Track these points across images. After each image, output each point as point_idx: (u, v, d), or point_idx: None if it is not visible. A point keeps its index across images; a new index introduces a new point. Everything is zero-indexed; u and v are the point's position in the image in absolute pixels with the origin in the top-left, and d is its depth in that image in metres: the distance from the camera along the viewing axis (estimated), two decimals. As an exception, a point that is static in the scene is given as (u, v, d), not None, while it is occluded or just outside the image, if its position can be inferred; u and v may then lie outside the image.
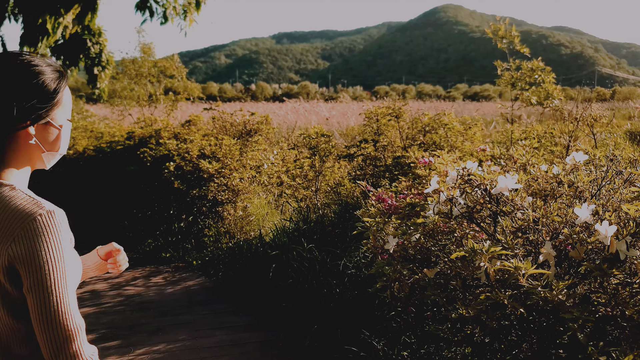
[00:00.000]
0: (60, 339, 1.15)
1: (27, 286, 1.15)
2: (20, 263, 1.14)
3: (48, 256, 1.15)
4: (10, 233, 1.15)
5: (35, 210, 1.17)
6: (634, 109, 20.53)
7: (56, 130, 1.30)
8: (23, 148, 1.26)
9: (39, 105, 1.23)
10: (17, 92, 1.21)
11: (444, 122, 4.65)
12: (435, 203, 2.33)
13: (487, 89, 78.32)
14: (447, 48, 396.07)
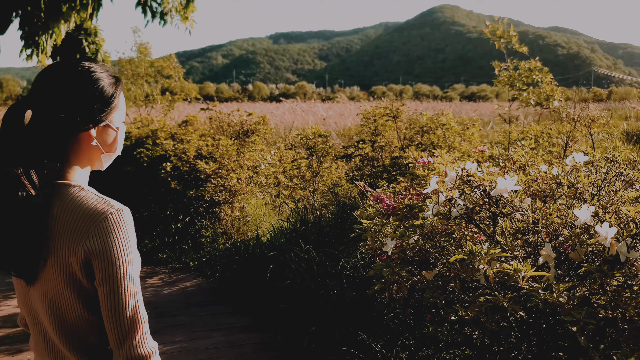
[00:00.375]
0: (126, 328, 1.24)
1: (99, 279, 1.23)
2: (94, 257, 1.22)
3: (119, 252, 1.23)
4: (85, 231, 1.23)
5: (107, 209, 1.25)
6: (630, 109, 20.56)
7: (114, 132, 1.38)
8: (85, 149, 1.35)
9: (100, 109, 1.32)
10: (80, 97, 1.29)
11: (442, 123, 4.63)
12: (434, 204, 2.31)
13: (484, 89, 78.44)
14: (444, 48, 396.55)
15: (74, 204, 1.26)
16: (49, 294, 1.29)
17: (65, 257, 1.24)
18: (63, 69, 1.31)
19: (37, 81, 1.30)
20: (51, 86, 1.28)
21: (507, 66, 4.93)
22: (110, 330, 1.24)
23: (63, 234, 1.24)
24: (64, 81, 1.29)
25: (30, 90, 1.31)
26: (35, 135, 1.27)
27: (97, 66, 1.34)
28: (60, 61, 1.34)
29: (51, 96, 1.27)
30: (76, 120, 1.28)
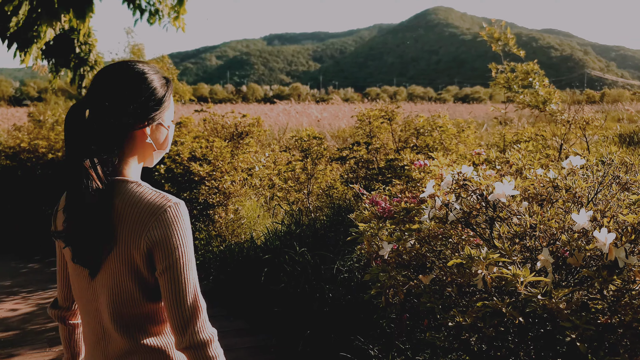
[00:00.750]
0: (188, 315, 1.30)
1: (161, 269, 1.30)
2: (155, 249, 1.29)
3: (178, 242, 1.30)
4: (146, 224, 1.29)
5: (165, 202, 1.32)
6: (623, 111, 20.66)
7: (165, 130, 1.46)
8: (139, 147, 1.42)
9: (154, 108, 1.40)
10: (135, 97, 1.36)
11: (439, 125, 4.62)
12: (430, 208, 2.29)
13: (477, 91, 78.68)
14: (438, 50, 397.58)
15: (135, 198, 1.33)
16: (111, 284, 1.35)
17: (128, 249, 1.31)
18: (118, 70, 1.38)
19: (94, 82, 1.38)
20: (107, 87, 1.36)
21: (503, 68, 4.92)
22: (172, 318, 1.31)
23: (125, 227, 1.31)
24: (119, 82, 1.36)
25: (87, 91, 1.38)
26: (94, 134, 1.33)
27: (148, 68, 1.43)
28: (115, 63, 1.41)
29: (108, 96, 1.34)
30: (132, 119, 1.36)
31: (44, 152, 7.53)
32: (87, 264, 1.36)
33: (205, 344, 1.33)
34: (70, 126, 1.35)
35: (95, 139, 1.33)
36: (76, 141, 1.33)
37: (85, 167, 1.30)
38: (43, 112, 10.45)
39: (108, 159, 1.34)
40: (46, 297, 4.99)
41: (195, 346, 1.32)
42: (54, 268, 6.00)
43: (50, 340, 4.05)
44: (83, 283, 1.41)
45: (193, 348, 1.32)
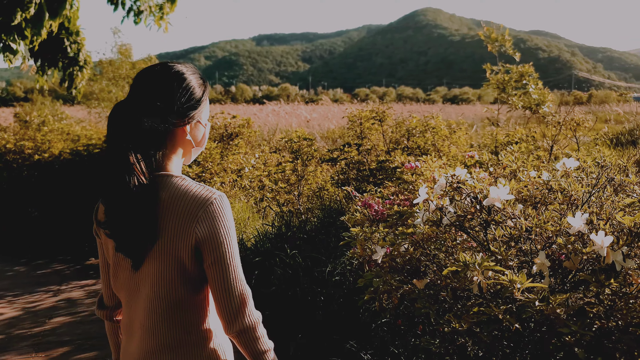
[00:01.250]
0: (237, 302, 1.39)
1: (210, 261, 1.37)
2: (205, 242, 1.35)
3: (225, 234, 1.37)
4: (194, 216, 1.35)
5: (210, 195, 1.38)
6: (610, 112, 20.80)
7: (203, 128, 1.53)
8: (180, 143, 1.48)
9: (194, 107, 1.46)
10: (177, 97, 1.42)
11: (432, 126, 4.59)
12: (423, 212, 2.26)
13: (466, 92, 79.05)
14: (426, 51, 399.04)
15: (180, 191, 1.38)
16: (154, 275, 1.39)
17: (174, 240, 1.36)
18: (159, 71, 1.45)
19: (137, 82, 1.44)
20: (150, 87, 1.42)
21: (498, 69, 4.91)
22: (222, 307, 1.38)
23: (172, 219, 1.36)
24: (162, 83, 1.43)
25: (130, 90, 1.45)
26: (137, 131, 1.38)
27: (187, 68, 1.49)
28: (156, 64, 1.48)
29: (151, 96, 1.40)
30: (174, 118, 1.42)
31: (30, 153, 7.42)
32: (130, 255, 1.40)
33: (254, 326, 1.42)
34: (114, 123, 1.40)
35: (139, 136, 1.38)
36: (120, 138, 1.38)
37: (129, 163, 1.35)
38: (29, 113, 10.32)
39: (151, 155, 1.40)
40: (32, 300, 4.90)
41: (245, 330, 1.41)
42: (41, 271, 5.88)
43: (36, 345, 3.98)
44: (126, 274, 1.45)
45: (244, 332, 1.41)
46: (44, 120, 9.43)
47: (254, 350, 1.46)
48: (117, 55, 13.04)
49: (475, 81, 26.11)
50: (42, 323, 4.37)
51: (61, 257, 6.36)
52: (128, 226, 1.36)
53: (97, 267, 5.98)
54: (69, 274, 5.76)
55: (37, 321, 4.40)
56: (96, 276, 5.62)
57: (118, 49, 12.95)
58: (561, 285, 1.98)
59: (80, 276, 5.64)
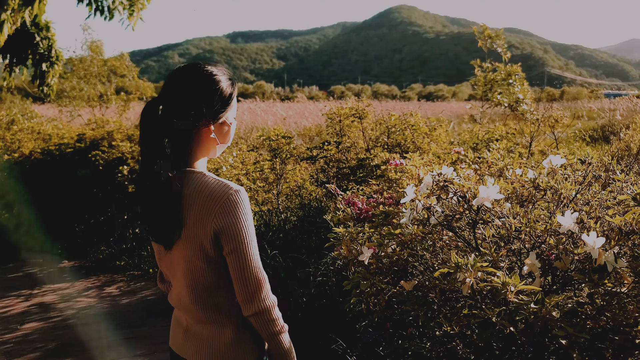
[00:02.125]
0: (253, 287, 1.49)
1: (228, 250, 1.48)
2: (222, 233, 1.46)
3: (241, 225, 1.47)
4: (212, 209, 1.46)
5: (227, 190, 1.47)
6: (583, 108, 21.12)
7: (228, 126, 1.62)
8: (204, 141, 1.58)
9: (220, 109, 1.56)
10: (205, 98, 1.53)
11: (411, 123, 4.55)
12: (409, 211, 2.20)
13: (441, 89, 79.66)
14: (401, 48, 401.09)
15: (200, 187, 1.49)
16: (183, 259, 1.53)
17: (196, 231, 1.48)
18: (190, 72, 1.54)
19: (169, 82, 1.54)
20: (180, 88, 1.52)
21: (486, 67, 4.89)
22: (239, 291, 1.49)
23: (193, 213, 1.48)
24: (191, 84, 1.52)
25: (162, 89, 1.55)
26: (166, 129, 1.50)
27: (217, 70, 1.58)
28: (187, 65, 1.57)
29: (180, 97, 1.51)
30: (200, 118, 1.52)
31: (-1, 153, 7.20)
32: (158, 241, 1.55)
33: (269, 309, 1.52)
34: (145, 121, 1.52)
35: (168, 134, 1.50)
36: (150, 135, 1.50)
37: (158, 159, 1.48)
38: (-2, 112, 10.03)
39: (178, 151, 1.52)
40: (3, 305, 4.74)
41: (261, 312, 1.51)
42: (12, 274, 5.67)
43: (8, 352, 3.84)
44: (163, 255, 1.61)
45: (259, 314, 1.51)
46: (13, 119, 9.17)
47: (268, 332, 1.54)
48: (88, 52, 12.76)
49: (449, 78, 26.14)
50: (13, 329, 4.22)
51: (33, 260, 6.18)
52: (155, 216, 1.51)
53: (71, 270, 5.82)
54: (42, 277, 5.59)
55: (8, 327, 4.26)
56: (70, 279, 5.47)
57: (89, 45, 12.67)
58: (552, 285, 1.95)
59: (53, 279, 5.48)
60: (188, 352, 1.63)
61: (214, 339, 1.58)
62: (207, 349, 1.58)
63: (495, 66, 4.95)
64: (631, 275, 1.76)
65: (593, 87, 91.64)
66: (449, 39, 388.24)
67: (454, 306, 1.94)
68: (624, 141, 8.16)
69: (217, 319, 1.58)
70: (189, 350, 1.63)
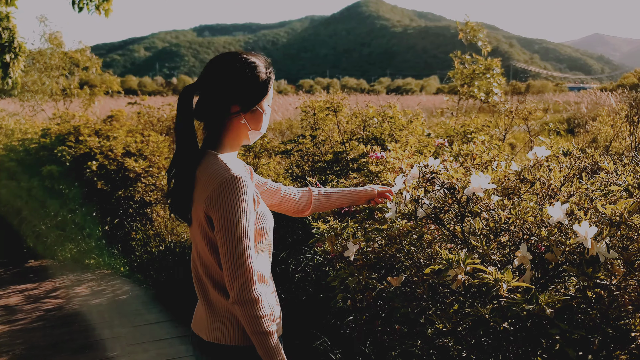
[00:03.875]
0: (235, 271, 1.47)
1: (217, 229, 1.50)
2: (212, 210, 1.50)
3: (232, 208, 1.48)
4: (208, 188, 1.51)
5: (225, 173, 1.51)
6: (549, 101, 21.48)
7: (260, 114, 1.65)
8: (235, 127, 1.63)
9: (254, 97, 1.61)
10: (239, 86, 1.58)
11: (389, 116, 4.50)
12: (395, 204, 2.15)
13: (409, 83, 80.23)
14: (369, 42, 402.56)
15: (206, 168, 1.55)
16: (194, 237, 1.62)
17: (197, 208, 1.54)
18: (227, 60, 1.59)
19: (206, 69, 1.61)
20: (215, 74, 1.59)
21: (466, 59, 4.88)
22: (225, 273, 1.50)
23: (197, 190, 1.55)
24: (226, 71, 1.58)
25: (200, 76, 1.62)
26: (201, 112, 1.60)
27: (254, 57, 1.62)
28: (226, 53, 1.62)
29: (214, 83, 1.58)
30: (233, 104, 1.59)
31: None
32: (177, 216, 1.63)
33: (251, 302, 1.47)
34: (180, 105, 1.60)
35: (200, 117, 1.61)
36: (184, 117, 1.58)
37: (186, 140, 1.57)
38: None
39: (209, 135, 1.62)
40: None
41: (242, 302, 1.47)
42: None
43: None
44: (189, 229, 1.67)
45: (240, 304, 1.47)
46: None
47: (251, 329, 1.49)
48: (47, 44, 12.34)
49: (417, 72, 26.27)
50: (-23, 333, 4.03)
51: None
52: (174, 194, 1.60)
53: (38, 270, 5.62)
54: (7, 277, 5.38)
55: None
56: (37, 279, 5.28)
57: (48, 37, 12.25)
58: (541, 278, 1.92)
59: (19, 280, 5.28)
60: (197, 327, 1.69)
61: (216, 315, 1.61)
62: (208, 324, 1.62)
63: (475, 58, 4.95)
64: (622, 266, 1.74)
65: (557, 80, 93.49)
66: (416, 32, 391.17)
67: (444, 302, 1.89)
68: (591, 133, 8.30)
69: (222, 302, 1.59)
70: (198, 324, 1.68)
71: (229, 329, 1.59)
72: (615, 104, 9.22)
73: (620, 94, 11.12)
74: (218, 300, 1.60)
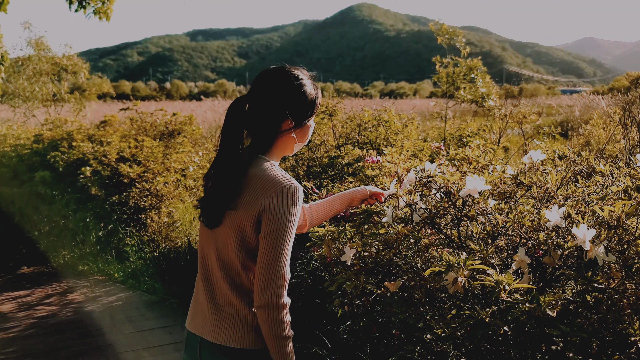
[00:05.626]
0: (272, 277, 1.51)
1: (264, 233, 1.53)
2: (266, 214, 1.53)
3: (285, 215, 1.53)
4: (266, 191, 1.55)
5: (286, 181, 1.56)
6: (542, 105, 21.55)
7: (308, 128, 1.73)
8: (284, 139, 1.69)
9: (304, 113, 1.68)
10: (291, 103, 1.64)
11: (384, 119, 4.50)
12: (392, 209, 2.14)
13: (403, 87, 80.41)
14: (363, 46, 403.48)
15: (264, 171, 1.59)
16: (217, 238, 1.63)
17: (243, 210, 1.56)
18: (277, 76, 1.66)
19: (257, 82, 1.67)
20: (267, 90, 1.65)
21: (448, 62, 4.88)
22: (259, 277, 1.52)
23: (247, 193, 1.57)
24: (278, 88, 1.64)
25: (251, 89, 1.68)
26: (252, 124, 1.65)
27: (301, 73, 1.69)
28: (275, 68, 1.69)
29: (266, 98, 1.64)
30: (283, 119, 1.64)
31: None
32: (208, 218, 1.64)
33: (280, 307, 1.52)
34: (231, 114, 1.66)
35: (250, 128, 1.66)
36: (233, 127, 1.64)
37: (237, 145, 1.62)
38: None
39: (258, 144, 1.66)
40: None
41: (271, 306, 1.50)
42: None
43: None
44: (204, 230, 1.69)
45: (268, 307, 1.50)
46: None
47: (272, 332, 1.52)
48: (33, 50, 12.24)
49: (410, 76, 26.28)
50: (-30, 341, 3.99)
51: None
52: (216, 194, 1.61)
53: (31, 277, 5.57)
54: (0, 284, 5.34)
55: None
56: (30, 286, 5.23)
57: (35, 42, 12.16)
58: (538, 282, 1.91)
59: (12, 287, 5.23)
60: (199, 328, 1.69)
61: (226, 317, 1.63)
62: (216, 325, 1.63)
63: (456, 61, 4.96)
64: (620, 270, 1.73)
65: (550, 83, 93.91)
66: (409, 36, 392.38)
67: (442, 307, 1.88)
68: (584, 136, 8.32)
69: (239, 299, 1.61)
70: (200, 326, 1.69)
71: (239, 332, 1.62)
72: (607, 107, 9.26)
73: (612, 97, 11.17)
74: (231, 303, 1.62)
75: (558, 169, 2.33)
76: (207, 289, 1.68)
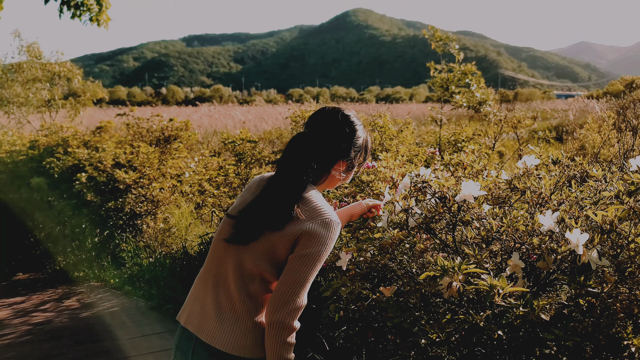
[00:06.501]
0: (291, 297, 1.56)
1: (298, 254, 1.60)
2: (304, 237, 1.61)
3: (322, 244, 1.61)
4: (311, 216, 1.64)
5: (331, 214, 1.67)
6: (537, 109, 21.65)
7: (353, 172, 1.86)
8: (332, 176, 1.81)
9: (355, 156, 1.82)
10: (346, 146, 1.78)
11: (379, 125, 4.52)
12: (387, 214, 2.15)
13: (398, 92, 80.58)
14: (359, 51, 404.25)
15: (314, 198, 1.69)
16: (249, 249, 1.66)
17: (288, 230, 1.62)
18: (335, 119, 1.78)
19: (315, 121, 1.79)
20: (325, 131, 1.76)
21: (442, 68, 4.90)
22: (279, 292, 1.57)
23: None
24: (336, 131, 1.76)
25: (310, 128, 1.79)
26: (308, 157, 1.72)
27: (354, 116, 1.82)
28: (332, 109, 1.82)
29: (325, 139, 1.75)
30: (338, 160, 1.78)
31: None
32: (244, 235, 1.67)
33: (290, 329, 1.57)
34: (294, 145, 1.74)
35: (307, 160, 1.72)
36: (296, 156, 1.72)
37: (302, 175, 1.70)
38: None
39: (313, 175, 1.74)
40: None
41: (283, 325, 1.55)
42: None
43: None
44: (219, 244, 1.74)
45: (280, 326, 1.55)
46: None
47: (276, 352, 1.57)
48: (25, 56, 12.21)
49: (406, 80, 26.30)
50: (-35, 348, 3.98)
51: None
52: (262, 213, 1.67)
53: (26, 283, 5.56)
54: (-5, 291, 5.32)
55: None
56: (25, 293, 5.22)
57: (26, 49, 12.13)
58: (532, 287, 1.92)
59: (7, 293, 5.22)
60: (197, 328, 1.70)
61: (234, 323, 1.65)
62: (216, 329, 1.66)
63: (450, 67, 4.99)
64: (613, 274, 1.75)
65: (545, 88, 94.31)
66: (405, 41, 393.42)
67: (437, 312, 1.89)
68: (579, 140, 8.35)
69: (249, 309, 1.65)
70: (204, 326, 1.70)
71: (238, 339, 1.64)
72: (602, 112, 9.30)
73: (607, 102, 11.21)
74: (235, 309, 1.65)
75: (552, 174, 2.35)
76: (215, 293, 1.70)
